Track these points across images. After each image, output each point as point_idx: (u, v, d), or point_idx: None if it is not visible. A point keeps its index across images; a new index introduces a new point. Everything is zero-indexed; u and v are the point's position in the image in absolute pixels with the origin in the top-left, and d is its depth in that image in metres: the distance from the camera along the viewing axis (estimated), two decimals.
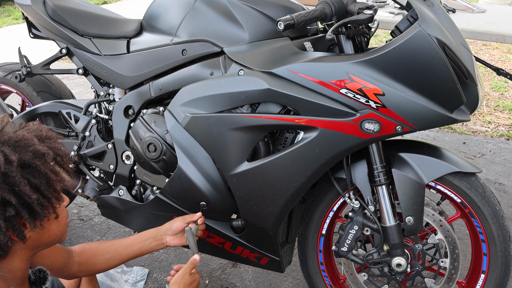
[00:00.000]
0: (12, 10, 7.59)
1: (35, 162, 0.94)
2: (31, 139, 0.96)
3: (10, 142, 0.93)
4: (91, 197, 1.94)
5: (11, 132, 0.96)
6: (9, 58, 4.68)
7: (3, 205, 0.89)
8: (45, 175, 0.95)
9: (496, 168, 3.13)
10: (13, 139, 0.94)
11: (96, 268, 1.40)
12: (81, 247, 1.38)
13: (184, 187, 1.59)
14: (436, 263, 1.59)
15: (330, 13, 1.40)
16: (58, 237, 1.05)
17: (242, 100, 1.43)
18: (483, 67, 4.82)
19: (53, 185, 0.97)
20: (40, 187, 0.94)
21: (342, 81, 1.32)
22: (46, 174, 0.95)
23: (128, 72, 1.76)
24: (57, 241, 1.06)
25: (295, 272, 2.16)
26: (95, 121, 1.92)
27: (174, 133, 1.55)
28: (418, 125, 1.32)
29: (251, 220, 1.58)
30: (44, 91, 2.23)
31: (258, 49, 1.48)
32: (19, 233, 0.93)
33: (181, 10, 1.64)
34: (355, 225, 1.55)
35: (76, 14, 1.90)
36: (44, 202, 0.94)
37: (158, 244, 1.48)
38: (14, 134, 0.95)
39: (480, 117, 3.95)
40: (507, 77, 1.55)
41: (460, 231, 2.42)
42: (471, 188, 1.48)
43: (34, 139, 0.96)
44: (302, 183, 1.45)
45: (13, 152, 0.92)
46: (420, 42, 1.26)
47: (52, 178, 0.96)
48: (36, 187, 0.93)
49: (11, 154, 0.91)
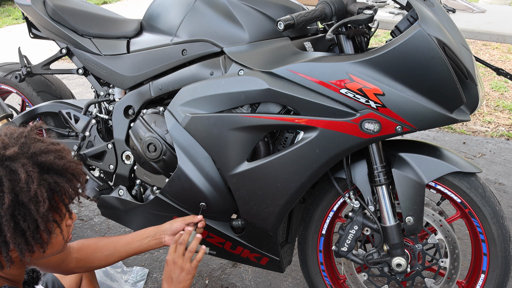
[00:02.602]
0: (12, 10, 7.59)
1: (30, 206, 0.91)
2: (32, 178, 0.91)
3: (14, 175, 0.90)
4: (91, 197, 1.94)
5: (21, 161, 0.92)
6: (9, 58, 4.68)
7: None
8: (35, 221, 0.92)
9: (496, 168, 3.13)
10: (17, 172, 0.90)
11: (94, 265, 1.40)
12: (80, 244, 1.38)
13: (184, 187, 1.59)
14: (436, 263, 1.59)
15: (330, 13, 1.40)
16: (57, 251, 1.05)
17: (242, 100, 1.43)
18: (483, 67, 4.82)
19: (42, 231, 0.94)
20: (26, 233, 0.91)
21: (342, 81, 1.32)
22: (37, 220, 0.92)
23: (128, 72, 1.76)
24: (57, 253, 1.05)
25: (295, 272, 2.16)
26: (95, 121, 1.92)
27: (174, 133, 1.55)
28: (418, 125, 1.32)
29: (251, 220, 1.58)
30: (44, 91, 2.23)
31: (258, 49, 1.48)
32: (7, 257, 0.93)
33: (181, 10, 1.64)
34: (355, 225, 1.55)
35: (76, 14, 1.90)
36: (27, 246, 0.92)
37: (157, 243, 1.47)
38: (19, 168, 0.91)
39: (480, 117, 3.95)
40: (507, 77, 1.55)
41: (460, 231, 2.42)
42: (471, 188, 1.48)
43: (34, 180, 0.91)
44: (302, 183, 1.45)
45: (10, 191, 0.89)
46: (420, 42, 1.26)
47: (41, 224, 0.92)
48: (23, 231, 0.91)
49: (7, 192, 0.88)
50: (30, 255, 0.94)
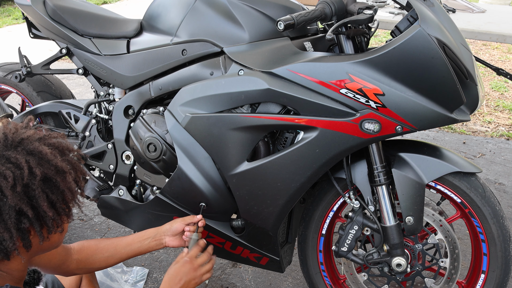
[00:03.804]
0: (12, 10, 7.59)
1: (56, 178, 0.95)
2: (54, 154, 0.96)
3: (35, 153, 0.94)
4: (91, 197, 1.94)
5: (36, 142, 0.96)
6: (9, 58, 4.68)
7: (19, 215, 0.90)
8: (63, 192, 0.96)
9: (496, 168, 3.13)
10: (37, 151, 0.94)
11: (94, 266, 1.40)
12: (80, 245, 1.38)
13: (184, 187, 1.59)
14: (436, 263, 1.59)
15: (330, 13, 1.40)
16: (56, 245, 1.06)
17: (242, 100, 1.43)
18: (483, 67, 4.82)
19: (67, 202, 0.98)
20: (56, 204, 0.95)
21: (342, 81, 1.32)
22: (64, 191, 0.96)
23: (128, 72, 1.76)
24: (54, 248, 1.06)
25: (295, 272, 2.16)
26: (95, 121, 1.92)
27: (174, 133, 1.55)
28: (418, 125, 1.32)
29: (251, 220, 1.58)
30: (44, 91, 2.23)
31: (258, 49, 1.48)
32: (26, 242, 0.94)
33: (181, 10, 1.64)
34: (355, 225, 1.55)
35: (76, 14, 1.90)
36: (57, 218, 0.95)
37: (157, 244, 1.48)
38: (39, 147, 0.95)
39: (480, 117, 3.95)
40: (507, 77, 1.55)
41: (460, 231, 2.42)
42: (471, 188, 1.48)
43: (57, 155, 0.97)
44: (302, 183, 1.45)
45: (37, 164, 0.92)
46: (420, 42, 1.26)
47: (68, 196, 0.98)
48: (53, 203, 0.94)
49: (35, 166, 0.92)
50: (56, 230, 0.96)
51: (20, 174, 0.89)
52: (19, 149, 0.93)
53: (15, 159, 0.90)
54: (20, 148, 0.93)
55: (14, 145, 0.93)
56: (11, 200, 0.88)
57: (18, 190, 0.88)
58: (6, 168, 0.88)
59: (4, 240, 0.89)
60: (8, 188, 0.88)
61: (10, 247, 0.91)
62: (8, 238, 0.89)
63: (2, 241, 0.89)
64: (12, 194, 0.88)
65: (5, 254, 0.92)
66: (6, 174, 0.88)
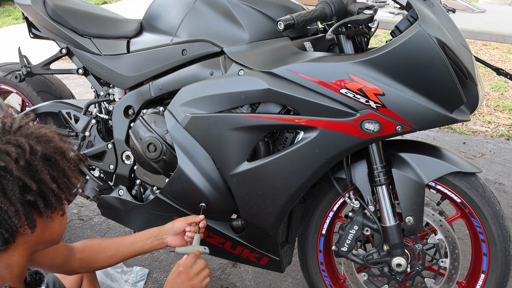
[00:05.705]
0: (12, 10, 7.59)
1: (55, 157, 0.99)
2: (52, 136, 1.02)
3: (34, 135, 0.98)
4: (91, 197, 1.94)
5: (33, 128, 1.01)
6: (9, 58, 4.68)
7: (23, 190, 0.93)
8: (63, 170, 1.00)
9: (496, 168, 3.14)
10: (36, 133, 0.99)
11: (97, 265, 1.41)
12: (83, 244, 1.39)
13: (184, 187, 1.59)
14: (436, 263, 1.59)
15: (330, 13, 1.40)
16: (57, 237, 1.06)
17: (242, 100, 1.43)
18: (483, 67, 4.82)
19: (69, 179, 1.02)
20: (58, 180, 0.98)
21: (342, 81, 1.32)
22: (64, 169, 1.00)
23: (128, 72, 1.76)
24: (55, 241, 1.06)
25: (295, 272, 2.16)
26: (95, 121, 1.92)
27: (174, 133, 1.55)
28: (418, 125, 1.32)
29: (251, 220, 1.58)
30: (44, 91, 2.23)
31: (258, 49, 1.48)
32: (30, 220, 0.95)
33: (181, 10, 1.64)
34: (355, 225, 1.55)
35: (76, 14, 1.90)
36: (59, 193, 0.98)
37: (159, 244, 1.48)
38: (37, 129, 1.01)
39: (480, 117, 3.95)
40: (507, 77, 1.55)
41: (460, 231, 2.42)
42: (471, 188, 1.48)
43: (55, 137, 1.02)
44: (302, 183, 1.45)
45: (37, 143, 0.97)
46: (420, 42, 1.26)
47: (68, 173, 1.01)
48: (54, 178, 0.98)
49: (35, 145, 0.96)
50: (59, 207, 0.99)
51: (22, 151, 0.93)
52: (18, 133, 0.97)
53: (15, 141, 0.94)
54: (19, 132, 0.98)
55: (13, 131, 0.97)
56: (16, 172, 0.91)
57: (22, 164, 0.92)
58: (8, 147, 0.93)
59: (9, 217, 0.91)
60: (12, 163, 0.91)
61: (15, 223, 0.92)
62: (13, 214, 0.91)
63: (8, 218, 0.91)
64: (16, 168, 0.91)
65: (10, 234, 0.93)
66: (9, 150, 0.92)
